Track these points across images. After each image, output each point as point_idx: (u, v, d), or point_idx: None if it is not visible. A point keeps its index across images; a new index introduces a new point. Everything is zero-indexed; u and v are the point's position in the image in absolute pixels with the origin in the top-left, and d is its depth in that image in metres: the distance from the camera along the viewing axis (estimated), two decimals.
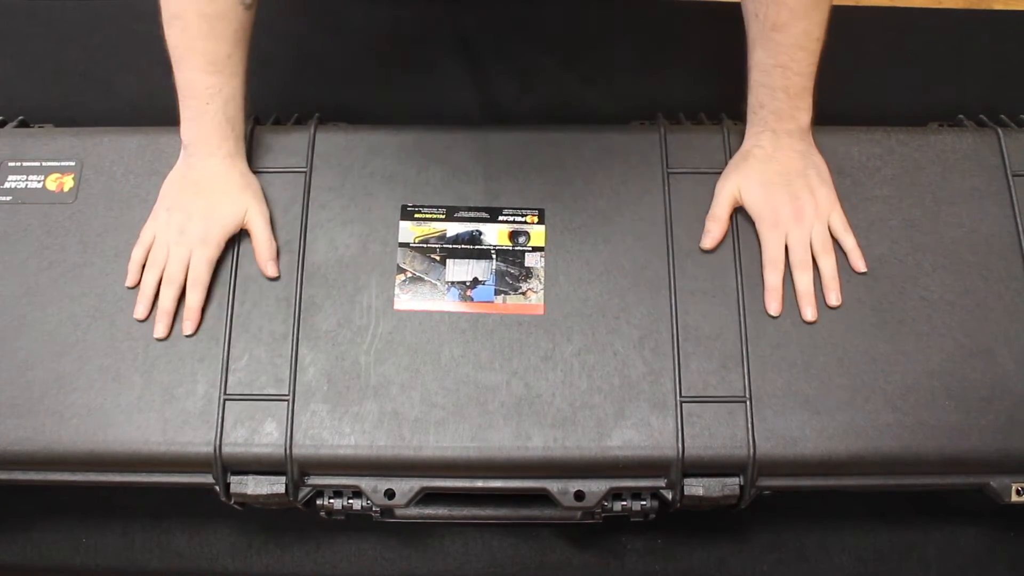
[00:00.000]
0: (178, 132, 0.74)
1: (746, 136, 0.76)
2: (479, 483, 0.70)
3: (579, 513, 0.70)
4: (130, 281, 0.74)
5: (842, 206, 0.75)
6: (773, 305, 0.72)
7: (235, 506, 0.72)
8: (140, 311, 0.73)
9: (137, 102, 0.98)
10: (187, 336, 0.72)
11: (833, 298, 0.72)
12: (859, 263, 0.73)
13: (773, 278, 0.73)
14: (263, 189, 0.76)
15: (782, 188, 0.73)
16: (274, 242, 0.74)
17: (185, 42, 0.70)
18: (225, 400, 0.70)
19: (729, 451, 0.68)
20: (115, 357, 0.71)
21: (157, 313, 0.72)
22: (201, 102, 0.71)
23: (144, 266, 0.74)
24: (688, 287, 0.73)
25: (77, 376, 0.70)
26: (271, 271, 0.74)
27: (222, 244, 0.74)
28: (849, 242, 0.74)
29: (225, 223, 0.73)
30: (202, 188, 0.73)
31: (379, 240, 0.75)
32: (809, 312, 0.72)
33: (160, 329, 0.72)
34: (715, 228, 0.74)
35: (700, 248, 0.74)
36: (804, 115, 0.73)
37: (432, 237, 0.75)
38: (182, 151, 0.74)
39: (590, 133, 0.79)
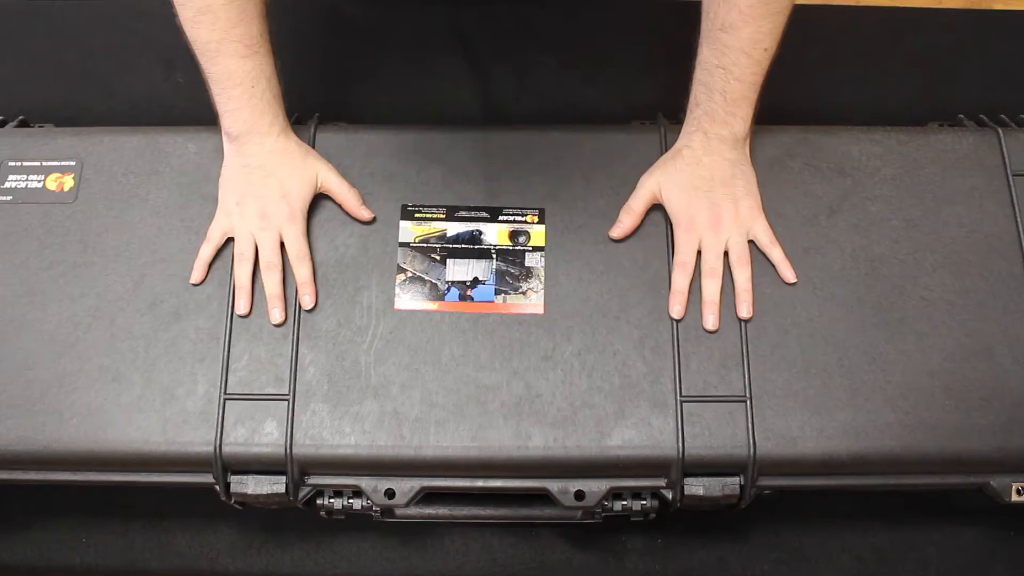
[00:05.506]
0: (178, 132, 0.74)
1: (681, 134, 0.75)
2: (479, 483, 0.70)
3: (579, 513, 0.70)
4: (196, 278, 0.73)
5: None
6: (676, 308, 0.71)
7: (235, 506, 0.72)
8: (242, 307, 0.72)
9: (137, 102, 0.98)
10: (307, 311, 0.72)
11: (744, 310, 0.71)
12: (788, 274, 0.72)
13: (680, 281, 0.72)
14: None
15: (703, 194, 0.72)
16: (356, 189, 0.75)
17: (218, 34, 0.67)
18: (225, 400, 0.70)
19: (729, 451, 0.68)
20: (115, 357, 0.71)
21: (268, 301, 0.72)
22: (246, 88, 0.70)
23: (211, 264, 0.73)
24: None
25: (77, 376, 0.70)
26: (366, 215, 0.75)
27: (306, 215, 0.74)
28: (776, 255, 0.72)
29: (303, 195, 0.73)
30: (268, 170, 0.73)
31: (379, 240, 0.75)
32: (711, 321, 0.71)
33: (277, 314, 0.71)
34: (627, 220, 0.74)
35: (608, 236, 0.74)
36: (740, 124, 0.71)
37: (432, 237, 0.75)
38: (229, 144, 0.73)
39: (590, 133, 0.79)
